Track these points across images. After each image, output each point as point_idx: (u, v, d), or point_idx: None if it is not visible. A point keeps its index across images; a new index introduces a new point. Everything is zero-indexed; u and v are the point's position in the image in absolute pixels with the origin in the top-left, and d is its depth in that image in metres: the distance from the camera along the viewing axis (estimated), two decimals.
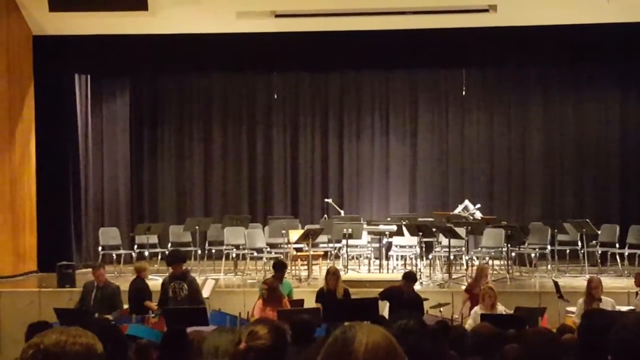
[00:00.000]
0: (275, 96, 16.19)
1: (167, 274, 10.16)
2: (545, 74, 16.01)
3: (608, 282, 10.82)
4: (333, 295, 9.75)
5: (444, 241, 13.03)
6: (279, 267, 10.48)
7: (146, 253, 13.82)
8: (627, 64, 15.20)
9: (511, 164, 16.25)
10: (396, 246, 13.93)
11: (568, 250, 13.58)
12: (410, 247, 13.67)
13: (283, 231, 13.42)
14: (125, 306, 10.47)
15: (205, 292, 10.37)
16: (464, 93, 15.65)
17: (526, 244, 13.53)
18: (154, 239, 14.05)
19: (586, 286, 9.50)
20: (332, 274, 9.98)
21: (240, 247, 13.81)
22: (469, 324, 8.60)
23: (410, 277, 9.98)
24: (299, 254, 13.37)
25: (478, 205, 14.52)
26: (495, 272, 13.21)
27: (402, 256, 14.00)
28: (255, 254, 13.67)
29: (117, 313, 9.99)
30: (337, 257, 13.77)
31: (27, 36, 13.97)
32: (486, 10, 13.23)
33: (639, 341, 2.71)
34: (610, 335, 2.83)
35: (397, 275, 11.15)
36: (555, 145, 16.08)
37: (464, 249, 13.35)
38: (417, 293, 10.02)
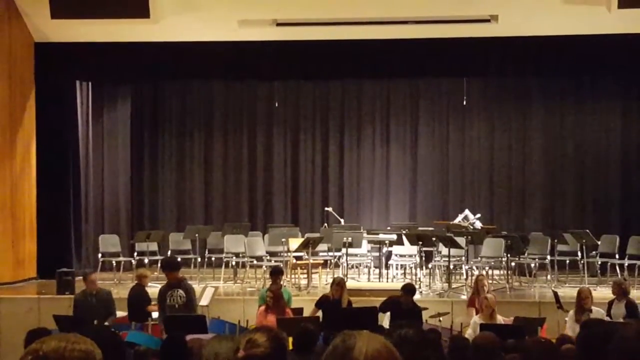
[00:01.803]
0: (276, 104, 16.21)
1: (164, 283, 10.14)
2: (546, 84, 16.04)
3: (607, 293, 10.76)
4: (338, 304, 9.75)
5: (444, 250, 13.03)
6: (276, 272, 10.46)
7: (146, 260, 13.79)
8: (628, 75, 15.22)
9: (511, 174, 16.26)
10: (396, 255, 13.93)
11: (568, 261, 13.55)
12: (410, 256, 13.68)
13: (283, 239, 13.41)
14: (123, 313, 10.45)
15: (205, 300, 10.36)
16: (465, 103, 15.66)
17: (526, 254, 13.50)
18: (153, 247, 14.03)
19: (576, 297, 9.47)
20: (337, 284, 9.99)
21: (240, 255, 13.80)
22: (468, 334, 8.57)
23: (408, 290, 9.94)
24: (298, 262, 13.36)
25: (478, 215, 14.56)
26: (494, 282, 13.22)
27: (401, 265, 14.01)
28: (255, 262, 13.66)
29: (110, 320, 9.94)
30: (336, 265, 13.75)
31: (29, 43, 13.98)
32: (488, 21, 13.24)
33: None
34: (611, 347, 2.81)
35: (397, 285, 11.12)
36: (555, 155, 16.09)
37: (463, 258, 13.31)
38: (416, 304, 9.98)
